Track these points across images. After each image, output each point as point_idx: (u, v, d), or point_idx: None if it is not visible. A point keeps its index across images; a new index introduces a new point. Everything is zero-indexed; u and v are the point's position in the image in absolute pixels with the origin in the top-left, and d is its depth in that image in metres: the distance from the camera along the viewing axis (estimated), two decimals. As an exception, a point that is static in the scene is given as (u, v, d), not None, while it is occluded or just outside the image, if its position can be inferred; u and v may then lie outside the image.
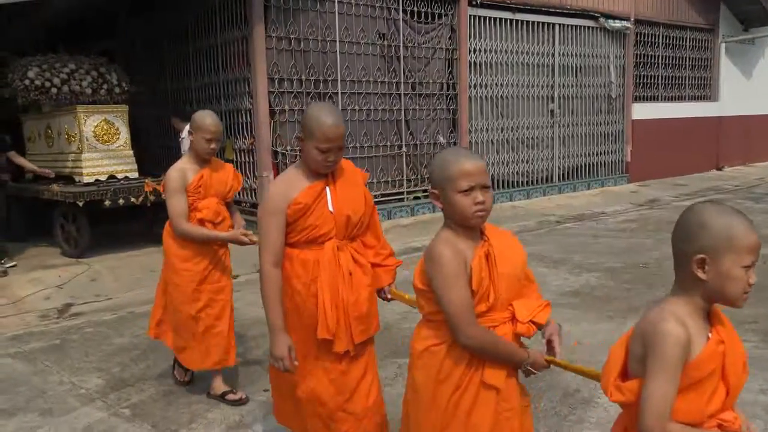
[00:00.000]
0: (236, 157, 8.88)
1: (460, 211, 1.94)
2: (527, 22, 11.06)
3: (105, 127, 7.67)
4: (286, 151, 8.51)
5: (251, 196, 8.82)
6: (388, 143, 9.55)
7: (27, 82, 7.35)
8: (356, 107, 9.11)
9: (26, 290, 6.23)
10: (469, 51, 10.33)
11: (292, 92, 8.51)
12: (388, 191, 9.63)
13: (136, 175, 7.88)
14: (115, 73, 7.99)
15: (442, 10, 9.99)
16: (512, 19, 10.85)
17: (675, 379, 1.54)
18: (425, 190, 10.12)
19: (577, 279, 6.22)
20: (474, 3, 10.23)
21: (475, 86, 10.51)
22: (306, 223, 2.50)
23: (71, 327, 5.29)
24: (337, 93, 8.89)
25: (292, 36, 8.41)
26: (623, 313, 5.05)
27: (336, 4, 8.74)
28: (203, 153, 3.54)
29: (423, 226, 9.16)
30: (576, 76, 11.99)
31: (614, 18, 12.36)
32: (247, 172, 8.68)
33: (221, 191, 3.66)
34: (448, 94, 10.26)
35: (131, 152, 7.96)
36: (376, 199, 9.47)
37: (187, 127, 7.94)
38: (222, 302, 3.72)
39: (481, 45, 10.51)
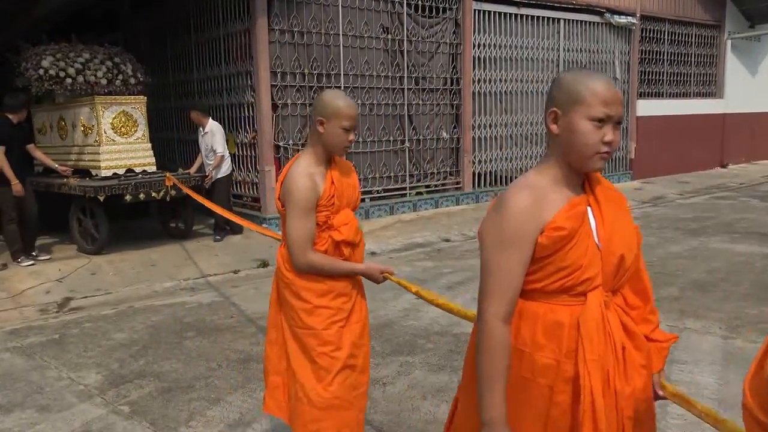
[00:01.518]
0: (238, 151, 8.82)
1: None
2: (532, 17, 10.97)
3: (123, 119, 7.46)
4: (288, 145, 8.45)
5: (253, 191, 8.76)
6: (391, 138, 9.49)
7: (41, 71, 7.14)
8: (359, 101, 9.04)
9: (26, 283, 6.19)
10: (474, 46, 10.25)
11: (294, 86, 8.44)
12: (390, 186, 9.57)
13: (154, 168, 7.72)
14: (130, 64, 7.82)
15: (447, 5, 9.90)
16: (517, 14, 10.76)
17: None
18: (428, 186, 10.08)
19: (581, 277, 6.15)
20: (479, -3, 10.15)
21: (479, 81, 10.43)
22: (566, 261, 1.59)
23: (70, 322, 5.24)
24: (340, 87, 8.82)
25: (295, 29, 8.34)
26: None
27: (339, -3, 8.66)
28: (339, 148, 2.49)
29: (425, 222, 9.10)
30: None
31: (620, 13, 12.26)
32: (249, 167, 8.63)
33: (353, 199, 2.64)
34: (452, 89, 10.18)
35: (149, 145, 7.77)
36: (378, 195, 9.46)
37: (211, 123, 7.92)
38: (365, 350, 2.68)
39: (485, 40, 10.42)
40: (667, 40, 13.70)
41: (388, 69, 9.35)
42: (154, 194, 7.14)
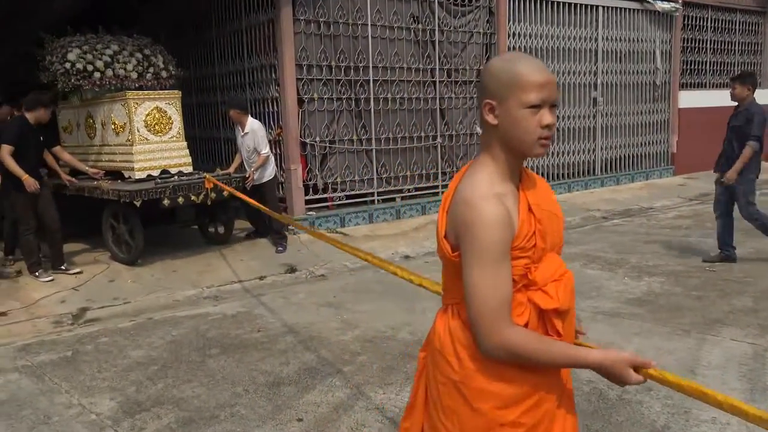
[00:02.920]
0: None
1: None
2: (569, 4, 10.37)
3: (157, 116, 6.81)
4: (315, 142, 8.00)
5: (278, 191, 8.31)
6: (422, 134, 8.98)
7: (67, 65, 6.54)
8: (388, 96, 8.56)
9: (41, 292, 5.82)
10: (508, 35, 9.69)
11: (321, 79, 7.98)
12: (422, 185, 9.08)
13: (190, 169, 7.07)
14: (161, 56, 7.21)
15: (480, -8, 9.37)
16: (553, 1, 10.18)
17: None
18: (461, 184, 9.55)
19: (638, 284, 5.61)
20: (514, -16, 9.59)
21: (514, 73, 9.85)
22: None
23: (85, 336, 4.85)
24: (368, 80, 8.34)
25: (321, 19, 7.87)
26: (701, 327, 4.45)
27: (368, -16, 8.18)
28: (530, 144, 1.53)
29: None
30: (620, 62, 11.27)
31: (661, -1, 11.60)
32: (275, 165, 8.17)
33: (558, 236, 1.64)
34: (486, 82, 9.62)
35: (185, 143, 7.13)
36: (410, 194, 8.97)
37: (251, 121, 7.22)
38: None
39: (520, 29, 9.86)
40: (710, 27, 12.98)
41: (419, 61, 8.85)
42: (193, 198, 6.49)
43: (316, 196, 8.11)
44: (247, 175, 6.98)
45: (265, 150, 6.99)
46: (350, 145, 8.35)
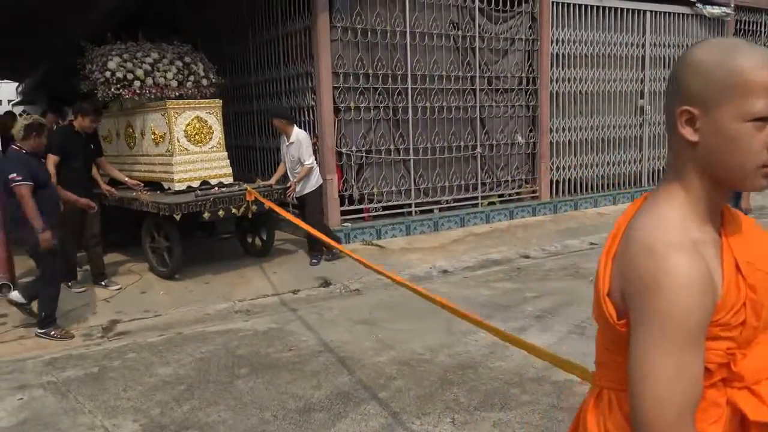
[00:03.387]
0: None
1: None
2: (615, 9, 9.99)
3: (197, 126, 6.63)
4: (351, 152, 7.81)
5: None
6: (462, 143, 8.72)
7: (108, 74, 6.39)
8: (427, 104, 8.33)
9: (72, 303, 5.74)
10: (552, 42, 9.37)
11: (358, 88, 7.79)
12: (461, 196, 8.80)
13: (231, 180, 6.89)
14: (201, 63, 7.03)
15: (522, -3, 9.08)
16: (599, 6, 9.81)
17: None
18: (501, 195, 9.26)
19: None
20: (558, -12, 9.27)
21: (557, 81, 9.54)
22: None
23: (113, 351, 4.72)
24: (406, 88, 8.13)
25: (358, 26, 7.70)
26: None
27: (407, -10, 7.97)
28: (750, 174, 1.08)
29: (500, 236, 8.29)
30: (668, 69, 10.81)
31: (712, 4, 11.10)
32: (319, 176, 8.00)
33: None
34: (528, 90, 9.33)
35: (225, 153, 6.95)
36: (448, 205, 8.70)
37: (297, 131, 6.93)
38: None
39: (564, 35, 9.53)
40: (764, 32, 12.40)
41: (459, 68, 8.60)
42: (234, 210, 6.27)
43: (352, 207, 7.91)
44: (288, 185, 6.75)
45: (310, 160, 6.72)
46: (387, 155, 8.14)
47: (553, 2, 9.28)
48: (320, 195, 7.12)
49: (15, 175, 4.61)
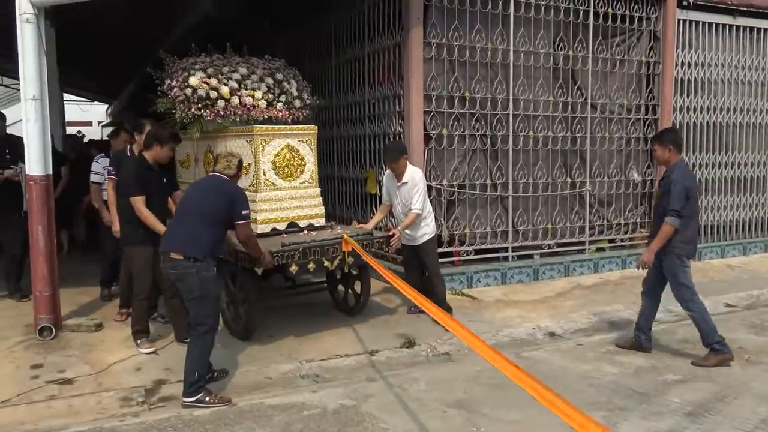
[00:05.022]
0: (379, 192, 7.29)
1: None
2: (752, 28, 8.62)
3: (288, 156, 5.58)
4: (441, 186, 6.80)
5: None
6: (568, 179, 7.56)
7: (188, 91, 5.46)
8: (530, 133, 7.24)
9: (116, 354, 4.95)
10: (676, 65, 8.10)
11: (452, 113, 6.81)
12: (565, 240, 7.60)
13: (322, 221, 5.78)
14: (294, 81, 6.02)
15: (643, 13, 7.87)
16: (733, 25, 8.48)
17: None
18: (612, 240, 7.98)
19: None
20: (685, 4, 8.01)
21: (681, 110, 8.24)
22: None
23: (152, 426, 3.84)
24: (507, 115, 7.08)
25: (455, 43, 6.74)
26: None
27: (512, 3, 6.96)
28: None
29: (612, 289, 7.03)
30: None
31: None
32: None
33: None
34: (647, 119, 8.08)
35: (318, 190, 5.82)
36: (550, 249, 7.51)
37: (412, 170, 5.62)
38: None
39: (691, 57, 8.25)
40: None
41: (568, 93, 7.48)
42: (326, 263, 5.15)
43: (440, 250, 6.84)
44: (391, 233, 5.59)
45: (418, 206, 5.59)
46: (482, 191, 7.07)
47: (678, 19, 8.03)
48: (436, 245, 6.01)
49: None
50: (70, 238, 8.97)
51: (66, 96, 20.27)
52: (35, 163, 5.15)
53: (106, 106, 25.77)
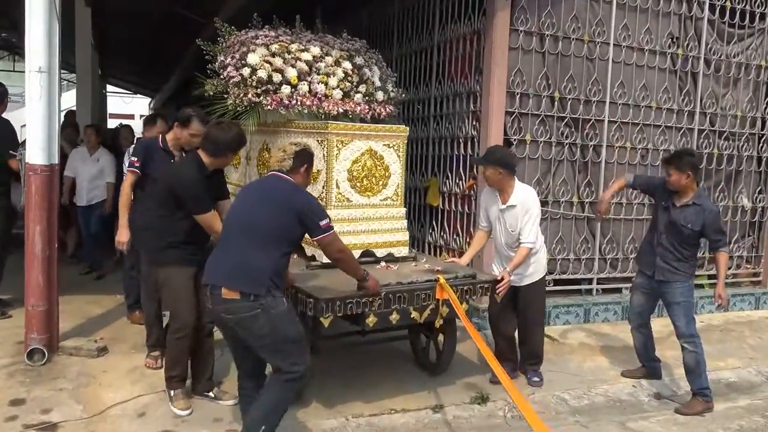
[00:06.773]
0: (442, 205, 6.21)
1: None
2: None
3: (368, 164, 4.32)
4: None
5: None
6: (669, 202, 6.34)
7: (246, 71, 4.34)
8: (627, 144, 6.08)
9: (117, 391, 3.96)
10: (802, 72, 6.83)
11: (538, 115, 5.69)
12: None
13: (406, 250, 4.53)
14: (377, 69, 4.90)
15: (766, 9, 6.65)
16: None
17: None
18: (712, 276, 6.70)
19: None
20: (820, 0, 6.76)
21: (804, 126, 6.96)
22: None
23: None
24: (602, 120, 5.94)
25: (547, 32, 5.63)
26: None
27: (616, -12, 5.83)
28: None
29: (720, 337, 5.84)
30: None
31: None
32: (458, 229, 5.93)
33: None
34: (762, 135, 6.82)
35: (404, 210, 4.57)
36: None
37: (521, 187, 4.23)
38: None
39: (819, 65, 6.95)
40: None
41: (674, 100, 6.29)
42: (414, 315, 3.85)
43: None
44: (500, 277, 4.12)
45: (531, 239, 4.19)
46: (567, 209, 5.93)
47: (809, 19, 6.77)
48: (544, 288, 4.60)
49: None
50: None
51: (109, 88, 19.83)
52: (37, 149, 4.19)
53: (149, 99, 25.37)
